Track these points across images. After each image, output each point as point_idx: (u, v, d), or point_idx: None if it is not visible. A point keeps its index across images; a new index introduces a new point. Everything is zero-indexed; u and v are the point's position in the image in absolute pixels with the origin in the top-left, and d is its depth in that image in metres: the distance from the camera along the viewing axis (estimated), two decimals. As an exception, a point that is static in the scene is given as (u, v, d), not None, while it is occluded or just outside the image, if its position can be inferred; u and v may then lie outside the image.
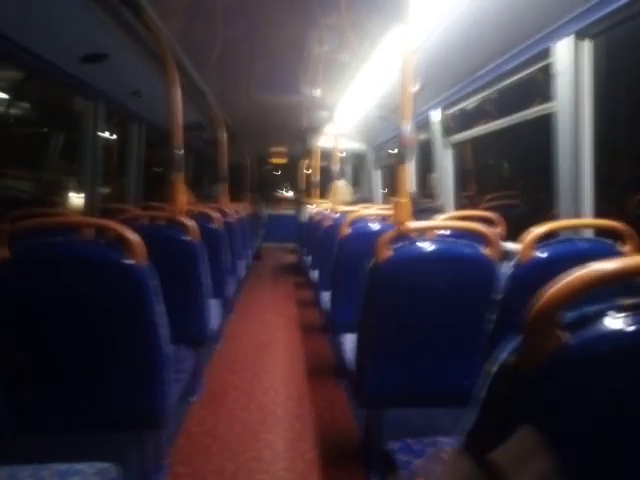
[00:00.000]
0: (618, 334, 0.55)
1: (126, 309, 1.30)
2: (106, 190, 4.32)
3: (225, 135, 4.18)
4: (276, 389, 2.51)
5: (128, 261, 1.26)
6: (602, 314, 0.57)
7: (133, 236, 1.28)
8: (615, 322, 0.55)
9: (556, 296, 0.55)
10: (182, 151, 2.06)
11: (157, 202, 3.56)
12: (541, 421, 0.57)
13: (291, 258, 7.47)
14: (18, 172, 4.18)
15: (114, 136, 4.65)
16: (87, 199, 3.15)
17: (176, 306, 1.74)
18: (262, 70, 3.90)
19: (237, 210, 4.13)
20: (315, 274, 3.64)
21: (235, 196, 5.48)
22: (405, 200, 1.42)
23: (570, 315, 0.58)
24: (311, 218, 4.61)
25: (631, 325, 0.55)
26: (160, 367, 1.39)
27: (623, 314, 0.56)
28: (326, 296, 2.81)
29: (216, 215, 2.75)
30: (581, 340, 0.55)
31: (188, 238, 1.99)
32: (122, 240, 1.28)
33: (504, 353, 0.60)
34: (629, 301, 0.58)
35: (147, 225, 2.33)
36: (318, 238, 3.37)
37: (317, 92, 4.48)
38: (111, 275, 1.27)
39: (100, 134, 3.22)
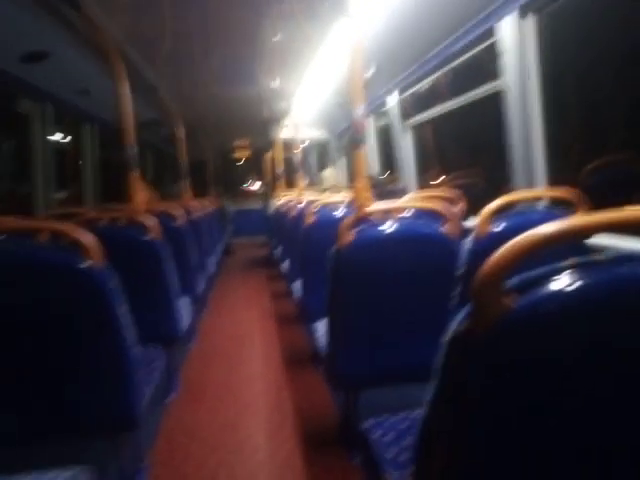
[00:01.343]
0: (559, 294, 0.57)
1: (87, 312, 1.27)
2: (63, 195, 4.18)
3: (183, 131, 4.10)
4: (253, 381, 2.51)
5: (84, 264, 1.23)
6: (545, 277, 0.59)
7: (87, 238, 1.25)
8: (556, 283, 0.58)
9: (499, 262, 0.57)
10: (135, 149, 2.01)
11: (118, 203, 3.47)
12: (490, 386, 0.59)
13: (262, 252, 7.43)
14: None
15: (67, 139, 4.49)
16: (40, 203, 3.04)
17: (143, 306, 1.72)
18: (217, 63, 3.83)
19: (201, 206, 4.06)
20: (285, 265, 3.64)
21: (199, 192, 5.40)
22: (363, 184, 1.44)
23: (514, 280, 0.60)
24: (278, 210, 4.60)
25: (571, 284, 0.57)
26: (129, 369, 1.37)
27: (564, 275, 0.59)
28: (297, 285, 2.82)
29: (179, 212, 2.71)
30: (525, 303, 0.57)
31: (148, 237, 1.96)
32: (76, 243, 1.25)
33: (455, 322, 0.62)
34: (570, 262, 0.61)
35: (106, 226, 2.26)
36: (285, 229, 3.37)
37: (275, 82, 4.44)
38: (67, 279, 1.24)
39: (51, 137, 3.10)
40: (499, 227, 1.40)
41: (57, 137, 3.72)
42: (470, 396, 0.62)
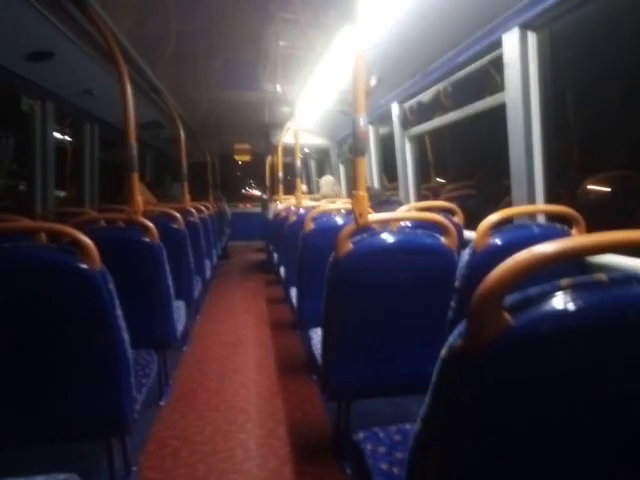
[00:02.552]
0: (559, 314, 0.57)
1: (82, 314, 1.26)
2: (62, 194, 4.17)
3: (184, 133, 4.10)
4: (247, 388, 2.50)
5: (81, 265, 1.22)
6: (544, 295, 0.59)
7: (85, 239, 1.24)
8: (556, 302, 0.57)
9: (498, 279, 0.56)
10: (136, 150, 2.01)
11: (117, 205, 3.46)
12: (485, 404, 0.59)
13: (260, 256, 7.42)
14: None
15: (67, 138, 4.48)
16: (39, 203, 3.02)
17: (138, 310, 1.72)
18: (220, 66, 3.84)
19: (200, 209, 4.06)
20: (282, 271, 3.63)
21: (199, 195, 5.40)
22: (363, 193, 1.43)
23: (513, 297, 0.60)
24: (277, 215, 4.59)
25: (570, 304, 0.57)
26: (122, 372, 1.36)
27: (563, 294, 0.58)
28: (294, 292, 2.81)
29: (177, 215, 2.70)
30: (523, 321, 0.57)
31: (147, 239, 1.95)
32: (75, 244, 1.25)
33: (452, 338, 0.62)
34: (569, 281, 0.61)
35: (104, 228, 2.26)
36: (284, 235, 3.36)
37: (277, 87, 4.46)
38: (64, 280, 1.23)
39: (53, 135, 3.10)
40: (497, 240, 1.40)
41: (57, 136, 3.71)
42: (464, 413, 0.61)
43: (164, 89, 3.94)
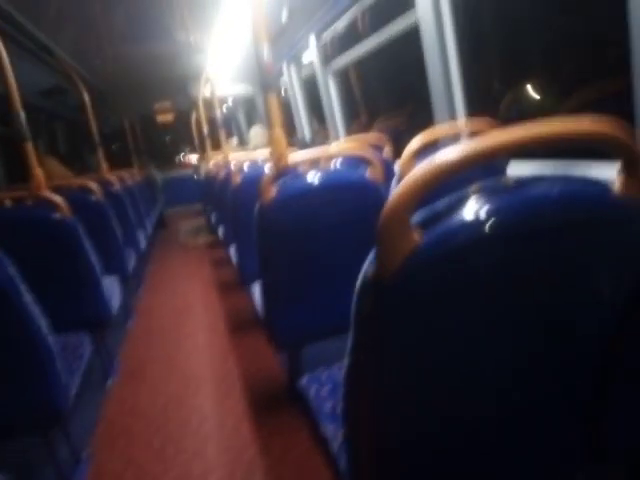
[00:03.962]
0: (465, 224, 0.53)
1: None
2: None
3: (90, 97, 3.73)
4: (199, 352, 2.45)
5: None
6: (450, 207, 0.55)
7: None
8: (462, 212, 0.54)
9: (401, 198, 0.51)
10: (23, 118, 1.79)
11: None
12: (404, 325, 0.56)
13: (199, 220, 7.18)
14: None
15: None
16: None
17: (61, 291, 1.58)
18: (122, 19, 3.46)
19: (122, 178, 3.78)
20: (221, 230, 3.51)
21: (124, 163, 5.04)
22: (278, 131, 1.34)
23: (420, 214, 0.55)
24: (208, 174, 4.39)
25: (476, 213, 0.53)
26: (44, 361, 1.25)
27: (469, 202, 0.54)
28: (233, 250, 2.73)
29: (94, 185, 2.48)
30: (432, 238, 0.53)
31: (57, 215, 1.77)
32: None
33: (365, 266, 0.58)
34: (475, 188, 0.57)
35: (9, 208, 2.03)
36: (216, 193, 3.22)
37: (189, 36, 4.12)
38: None
39: None
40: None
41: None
42: (386, 339, 0.58)
43: (58, 49, 3.51)
